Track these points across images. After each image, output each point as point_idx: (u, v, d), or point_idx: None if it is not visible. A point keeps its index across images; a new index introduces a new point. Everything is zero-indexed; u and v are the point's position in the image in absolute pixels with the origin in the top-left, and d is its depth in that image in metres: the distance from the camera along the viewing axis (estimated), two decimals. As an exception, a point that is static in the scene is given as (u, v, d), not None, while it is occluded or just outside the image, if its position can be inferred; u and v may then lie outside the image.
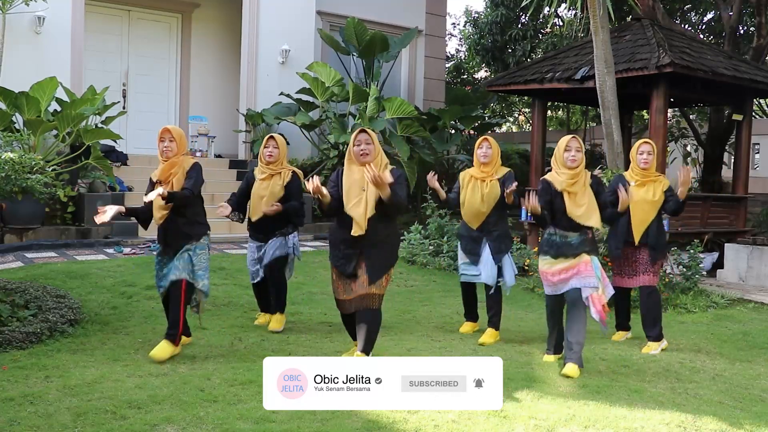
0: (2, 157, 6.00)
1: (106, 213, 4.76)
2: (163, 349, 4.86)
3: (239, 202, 6.04)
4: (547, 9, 13.61)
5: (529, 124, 20.55)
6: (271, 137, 5.94)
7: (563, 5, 11.67)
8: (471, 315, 6.37)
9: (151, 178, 5.12)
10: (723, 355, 5.80)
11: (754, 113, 13.46)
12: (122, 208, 4.90)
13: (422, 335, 6.05)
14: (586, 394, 4.47)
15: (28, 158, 6.30)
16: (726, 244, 9.77)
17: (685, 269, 8.09)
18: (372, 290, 4.73)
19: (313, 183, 4.46)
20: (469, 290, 6.30)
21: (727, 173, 13.03)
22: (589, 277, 5.01)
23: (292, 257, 6.05)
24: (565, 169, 5.05)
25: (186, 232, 5.04)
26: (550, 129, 16.86)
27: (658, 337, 5.88)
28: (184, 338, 5.21)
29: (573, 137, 5.08)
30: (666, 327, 6.77)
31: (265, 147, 5.91)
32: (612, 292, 5.30)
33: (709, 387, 4.85)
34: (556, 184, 5.07)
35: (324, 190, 4.58)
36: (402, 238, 9.78)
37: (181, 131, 5.16)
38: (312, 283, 7.78)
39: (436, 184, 5.95)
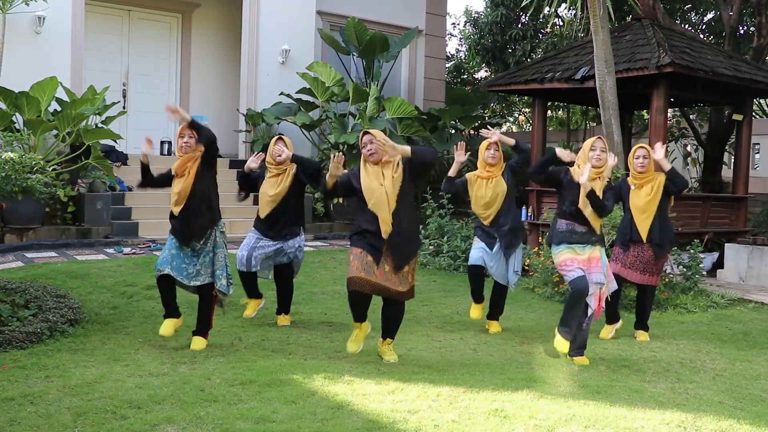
0: (2, 157, 6.00)
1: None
2: (199, 342, 5.28)
3: (245, 184, 6.21)
4: (547, 9, 13.62)
5: (529, 124, 20.55)
6: (280, 138, 6.10)
7: (563, 5, 11.69)
8: (478, 296, 6.40)
9: (170, 170, 5.33)
10: (723, 355, 5.80)
11: (754, 113, 13.46)
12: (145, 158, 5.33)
13: (422, 335, 6.05)
14: (586, 394, 4.48)
15: (28, 158, 6.31)
16: (726, 244, 9.77)
17: (685, 269, 8.09)
18: (400, 288, 4.95)
19: (338, 156, 4.89)
20: (478, 272, 6.33)
21: (727, 173, 13.02)
22: (597, 273, 5.25)
23: (300, 259, 6.26)
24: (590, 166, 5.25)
25: (203, 224, 5.23)
26: (550, 129, 16.85)
27: (645, 327, 6.35)
28: (176, 321, 5.38)
29: (599, 138, 5.34)
30: (666, 327, 6.79)
31: (274, 146, 6.07)
32: (615, 287, 5.59)
33: (709, 387, 4.85)
34: (575, 175, 5.29)
35: (340, 166, 4.90)
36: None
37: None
38: (312, 283, 7.78)
39: (462, 157, 5.98)
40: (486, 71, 19.93)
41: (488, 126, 9.51)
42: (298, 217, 6.14)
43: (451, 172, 6.10)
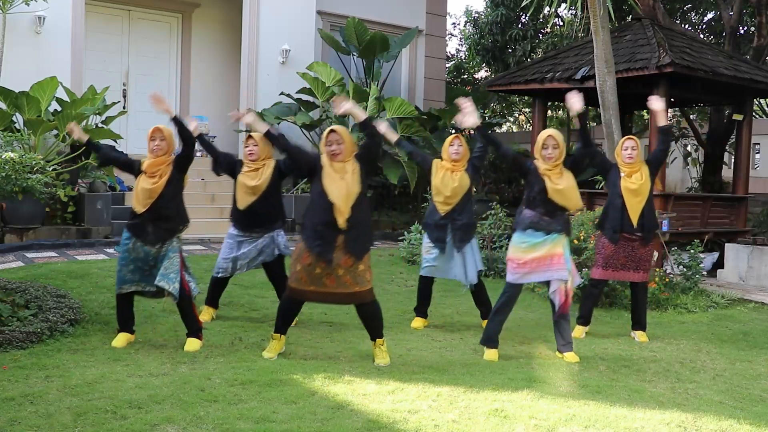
0: (3, 157, 6.00)
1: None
2: (194, 343, 5.22)
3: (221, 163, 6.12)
4: (547, 9, 13.61)
5: (529, 124, 20.55)
6: (250, 136, 5.97)
7: (563, 5, 11.68)
8: (422, 310, 6.45)
9: (138, 162, 5.30)
10: (723, 355, 5.80)
11: (754, 113, 13.46)
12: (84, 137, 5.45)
13: (422, 335, 6.06)
14: (586, 394, 4.48)
15: (28, 158, 6.31)
16: (726, 244, 9.77)
17: (685, 269, 8.08)
18: (357, 288, 4.92)
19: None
20: (427, 284, 6.41)
21: (727, 173, 13.02)
22: (560, 270, 5.27)
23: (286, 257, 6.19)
24: (542, 162, 5.34)
25: (169, 227, 5.20)
26: (550, 129, 16.80)
27: (644, 327, 6.32)
28: (130, 336, 5.34)
29: (550, 135, 5.32)
30: (666, 327, 6.79)
31: (245, 146, 5.96)
32: (579, 281, 5.60)
33: (709, 387, 4.85)
34: (539, 168, 5.34)
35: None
36: (402, 237, 9.80)
37: (171, 131, 5.28)
38: (312, 283, 7.76)
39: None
40: (486, 71, 19.93)
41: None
42: (278, 211, 6.10)
43: (393, 137, 6.09)
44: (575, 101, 5.31)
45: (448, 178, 6.08)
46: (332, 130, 4.86)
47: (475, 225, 6.37)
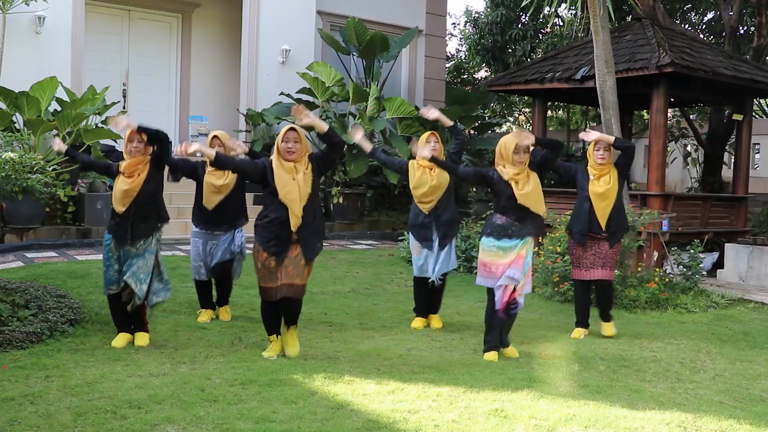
0: (2, 157, 6.00)
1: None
2: (143, 337, 5.31)
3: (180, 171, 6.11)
4: (547, 9, 13.61)
5: (529, 124, 20.54)
6: (215, 137, 5.96)
7: (563, 5, 11.67)
8: (421, 310, 6.46)
9: (117, 164, 5.34)
10: (723, 355, 5.81)
11: (754, 113, 13.46)
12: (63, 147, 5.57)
13: (422, 335, 6.06)
14: (586, 394, 4.48)
15: (28, 158, 6.31)
16: (726, 244, 9.77)
17: (685, 269, 8.09)
18: (296, 281, 4.93)
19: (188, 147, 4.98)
20: (421, 285, 6.40)
21: (727, 173, 13.03)
22: (515, 269, 5.26)
23: (240, 258, 6.23)
24: (512, 166, 5.32)
25: (147, 226, 5.26)
26: (550, 129, 16.85)
27: (610, 318, 6.35)
28: (130, 336, 5.37)
29: (521, 141, 5.30)
30: (666, 327, 6.80)
31: (211, 146, 5.86)
32: (529, 290, 5.53)
33: (709, 387, 4.85)
34: (504, 175, 5.34)
35: (208, 150, 5.03)
36: (402, 237, 9.80)
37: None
38: (312, 283, 7.75)
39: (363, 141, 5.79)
40: (486, 71, 19.93)
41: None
42: (242, 208, 6.18)
43: (367, 147, 5.87)
44: (524, 137, 5.34)
45: (426, 176, 6.09)
46: (292, 128, 4.94)
47: (459, 220, 6.41)
